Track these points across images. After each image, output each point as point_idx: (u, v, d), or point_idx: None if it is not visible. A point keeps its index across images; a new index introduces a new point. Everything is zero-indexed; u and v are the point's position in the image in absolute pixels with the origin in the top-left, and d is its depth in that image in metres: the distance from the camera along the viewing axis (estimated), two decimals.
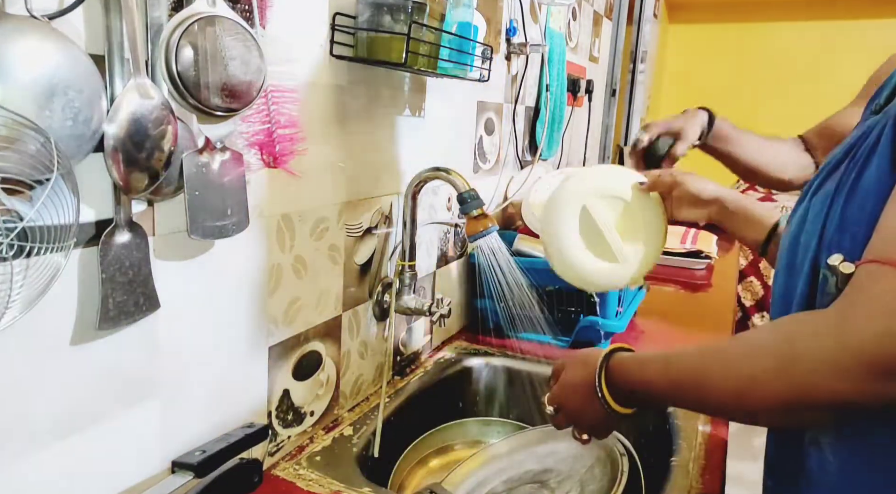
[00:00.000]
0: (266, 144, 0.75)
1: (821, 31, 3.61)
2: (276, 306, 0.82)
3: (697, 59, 3.92)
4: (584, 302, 1.31)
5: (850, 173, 0.57)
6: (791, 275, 0.63)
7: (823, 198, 0.60)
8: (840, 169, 0.60)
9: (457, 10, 0.94)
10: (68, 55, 0.50)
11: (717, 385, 0.56)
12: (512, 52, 1.46)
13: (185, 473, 0.66)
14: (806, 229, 0.61)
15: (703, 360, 0.59)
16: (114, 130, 0.55)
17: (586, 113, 2.20)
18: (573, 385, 0.72)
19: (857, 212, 0.54)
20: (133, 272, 0.60)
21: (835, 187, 0.59)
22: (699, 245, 2.05)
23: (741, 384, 0.53)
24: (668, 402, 0.71)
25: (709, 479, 0.87)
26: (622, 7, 2.58)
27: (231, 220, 0.69)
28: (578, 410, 0.71)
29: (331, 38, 0.84)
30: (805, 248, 0.60)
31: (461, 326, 1.39)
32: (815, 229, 0.59)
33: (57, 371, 0.57)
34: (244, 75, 0.65)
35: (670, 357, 0.62)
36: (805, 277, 0.59)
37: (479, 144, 1.36)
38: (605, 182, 0.95)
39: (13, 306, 0.48)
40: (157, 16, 0.59)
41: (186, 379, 0.71)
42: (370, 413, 1.01)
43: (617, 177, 0.97)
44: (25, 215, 0.48)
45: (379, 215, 1.02)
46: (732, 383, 0.54)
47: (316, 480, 0.82)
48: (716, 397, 0.57)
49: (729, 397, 0.55)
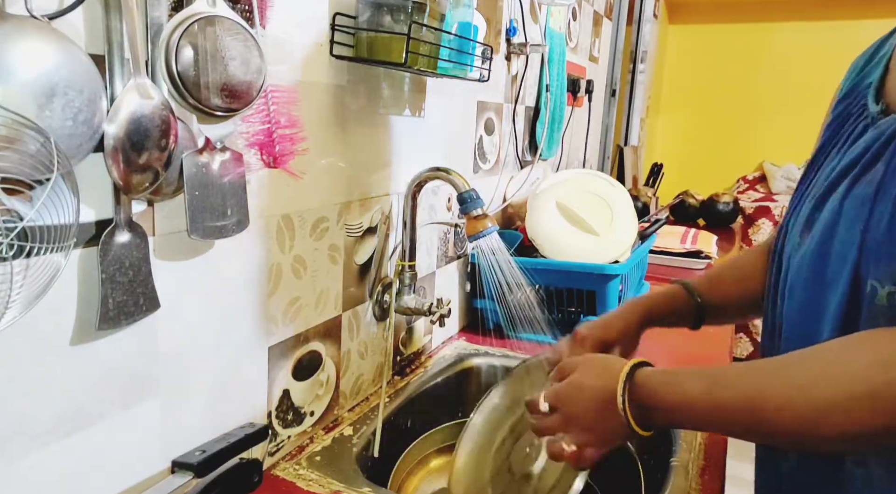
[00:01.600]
0: (266, 144, 0.75)
1: (821, 31, 3.61)
2: (276, 306, 0.82)
3: (697, 60, 3.92)
4: (584, 302, 1.31)
5: (892, 176, 0.53)
6: (819, 288, 0.58)
7: (858, 203, 0.56)
8: (873, 172, 0.56)
9: (457, 10, 0.94)
10: (68, 55, 0.50)
11: (784, 411, 0.51)
12: (512, 53, 1.46)
13: (185, 473, 0.66)
14: (839, 237, 0.57)
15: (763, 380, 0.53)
16: (114, 130, 0.55)
17: (586, 113, 2.20)
18: (587, 390, 0.63)
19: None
20: (133, 272, 0.60)
21: (874, 191, 0.55)
22: (699, 245, 2.05)
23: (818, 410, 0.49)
24: (707, 427, 0.62)
25: (709, 480, 0.87)
26: (622, 7, 2.58)
27: (231, 220, 0.69)
28: (584, 418, 0.63)
29: (331, 38, 0.84)
30: (840, 258, 0.56)
31: (461, 326, 1.39)
32: (852, 237, 0.55)
33: (57, 371, 0.57)
34: (244, 75, 0.65)
35: (716, 376, 0.56)
36: (843, 288, 0.54)
37: (479, 144, 1.36)
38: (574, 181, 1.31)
39: (13, 307, 0.48)
40: (157, 16, 0.59)
41: (186, 379, 0.71)
42: (370, 413, 1.01)
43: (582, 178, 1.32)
44: (25, 215, 0.48)
45: (379, 215, 1.02)
46: (805, 409, 0.50)
47: (316, 480, 0.82)
48: (780, 423, 0.52)
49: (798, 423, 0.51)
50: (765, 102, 3.77)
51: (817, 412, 0.49)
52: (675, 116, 4.04)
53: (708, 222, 2.98)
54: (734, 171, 3.84)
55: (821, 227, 0.60)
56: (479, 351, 1.27)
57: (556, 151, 1.84)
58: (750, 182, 3.70)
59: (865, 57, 0.70)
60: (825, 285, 0.57)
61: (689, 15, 3.90)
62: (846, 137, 0.64)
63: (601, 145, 2.66)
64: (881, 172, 0.55)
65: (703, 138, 3.96)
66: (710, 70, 3.89)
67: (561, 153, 1.95)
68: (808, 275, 0.60)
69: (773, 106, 3.74)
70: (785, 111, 3.69)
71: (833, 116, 0.69)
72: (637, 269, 1.50)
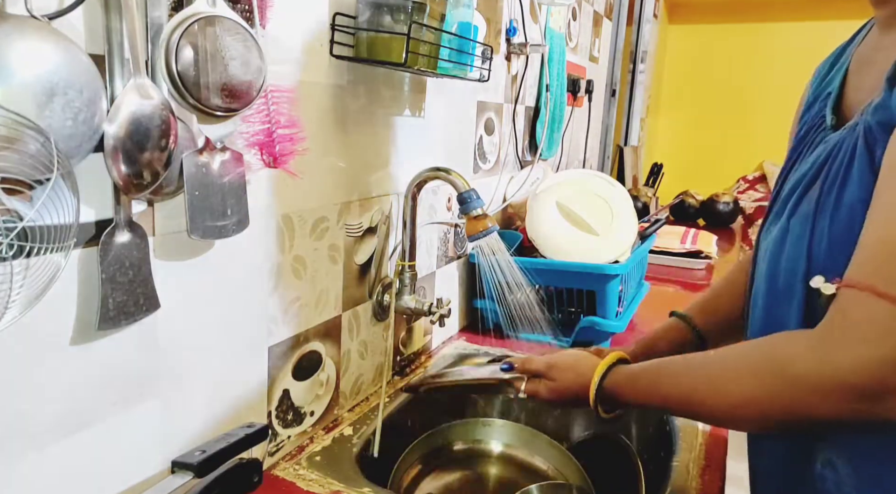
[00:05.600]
0: (266, 144, 0.75)
1: (821, 31, 3.60)
2: (276, 306, 0.82)
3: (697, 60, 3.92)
4: (584, 302, 1.31)
5: (829, 193, 0.56)
6: (776, 300, 0.62)
7: (802, 220, 0.59)
8: (814, 189, 0.59)
9: (457, 10, 0.94)
10: (68, 55, 0.50)
11: (708, 405, 0.59)
12: (512, 53, 1.46)
13: (185, 473, 0.66)
14: (787, 253, 0.60)
15: (691, 380, 0.61)
16: (114, 130, 0.54)
17: (586, 113, 2.20)
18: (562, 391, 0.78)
19: (846, 233, 0.53)
20: (133, 272, 0.60)
21: (814, 208, 0.58)
22: (699, 245, 2.05)
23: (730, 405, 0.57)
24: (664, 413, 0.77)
25: (709, 479, 0.87)
26: (622, 7, 2.58)
27: (231, 220, 0.69)
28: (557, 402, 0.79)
29: (331, 38, 0.84)
30: (790, 273, 0.59)
31: (461, 326, 1.39)
32: (798, 252, 0.58)
33: (57, 371, 0.57)
34: (244, 75, 0.65)
35: (661, 375, 0.66)
36: (799, 301, 0.58)
37: (479, 144, 1.36)
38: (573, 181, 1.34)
39: (13, 307, 0.48)
40: (157, 16, 0.59)
41: (186, 379, 0.71)
42: (370, 413, 1.01)
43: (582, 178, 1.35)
44: (25, 215, 0.48)
45: (379, 215, 1.02)
46: (722, 403, 0.58)
47: (316, 480, 0.82)
48: (708, 413, 0.61)
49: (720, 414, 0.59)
50: (765, 102, 3.76)
51: (730, 408, 0.57)
52: (675, 116, 4.04)
53: (708, 222, 2.98)
54: (734, 171, 3.84)
55: (772, 242, 0.64)
56: (479, 351, 1.27)
57: (556, 151, 1.85)
58: (750, 182, 3.70)
59: (828, 64, 0.71)
60: (781, 298, 0.61)
61: (689, 15, 3.90)
62: (806, 149, 0.66)
63: (601, 145, 2.66)
64: (817, 189, 0.58)
65: (703, 138, 3.96)
66: (710, 70, 3.88)
67: (561, 153, 1.95)
68: (765, 288, 0.64)
69: (773, 106, 3.73)
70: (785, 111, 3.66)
71: (800, 125, 0.71)
72: (637, 269, 1.50)
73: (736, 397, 0.56)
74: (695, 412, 0.62)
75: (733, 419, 0.59)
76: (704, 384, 0.59)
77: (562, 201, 1.36)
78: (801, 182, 0.62)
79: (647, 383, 0.68)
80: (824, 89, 0.68)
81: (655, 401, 0.67)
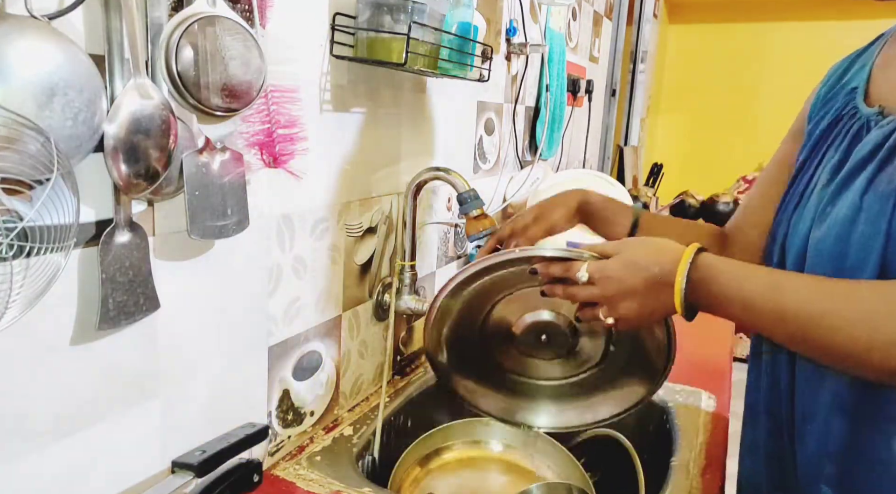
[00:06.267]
0: (266, 144, 0.75)
1: (821, 31, 3.61)
2: (276, 306, 0.82)
3: (697, 59, 3.92)
4: None
5: None
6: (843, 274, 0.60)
7: (882, 198, 0.59)
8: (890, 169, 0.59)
9: (457, 10, 0.94)
10: (68, 55, 0.50)
11: (839, 333, 0.54)
12: (512, 53, 1.46)
13: (185, 473, 0.66)
14: (861, 230, 0.59)
15: (827, 299, 0.55)
16: (114, 130, 0.54)
17: (586, 113, 2.20)
18: (641, 268, 0.63)
19: None
20: (133, 272, 0.60)
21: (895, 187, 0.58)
22: None
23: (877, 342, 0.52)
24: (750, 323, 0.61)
25: (709, 479, 0.87)
26: (622, 7, 2.58)
27: (231, 220, 0.69)
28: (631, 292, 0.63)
29: (331, 38, 0.84)
30: (863, 248, 0.59)
31: None
32: (876, 229, 0.58)
33: (57, 371, 0.57)
34: (244, 75, 0.65)
35: (780, 281, 0.58)
36: (870, 274, 0.57)
37: (479, 144, 1.36)
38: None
39: (13, 307, 0.48)
40: (157, 16, 0.59)
41: (186, 379, 0.71)
42: (370, 413, 1.01)
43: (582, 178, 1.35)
44: (25, 215, 0.48)
45: (379, 215, 1.02)
46: (863, 338, 0.53)
47: (316, 480, 0.82)
48: (831, 342, 0.54)
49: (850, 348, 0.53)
50: (765, 102, 3.77)
51: (876, 344, 0.52)
52: (675, 116, 4.04)
53: (708, 221, 2.97)
54: (734, 171, 3.84)
55: (838, 221, 0.61)
56: None
57: (556, 151, 1.84)
58: (750, 182, 3.70)
59: (846, 63, 0.75)
60: (848, 273, 0.59)
61: (689, 15, 3.90)
62: (842, 137, 0.68)
63: (601, 145, 2.66)
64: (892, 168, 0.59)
65: (703, 138, 3.96)
66: (710, 70, 3.89)
67: (561, 153, 1.95)
68: (828, 263, 0.62)
69: (773, 106, 3.74)
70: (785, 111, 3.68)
71: (817, 118, 0.73)
72: None
73: (886, 336, 0.51)
74: (810, 338, 0.56)
75: (869, 357, 0.53)
76: (847, 310, 0.54)
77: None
78: (867, 163, 0.62)
79: (765, 284, 0.59)
80: (844, 86, 0.71)
81: (765, 311, 0.58)
